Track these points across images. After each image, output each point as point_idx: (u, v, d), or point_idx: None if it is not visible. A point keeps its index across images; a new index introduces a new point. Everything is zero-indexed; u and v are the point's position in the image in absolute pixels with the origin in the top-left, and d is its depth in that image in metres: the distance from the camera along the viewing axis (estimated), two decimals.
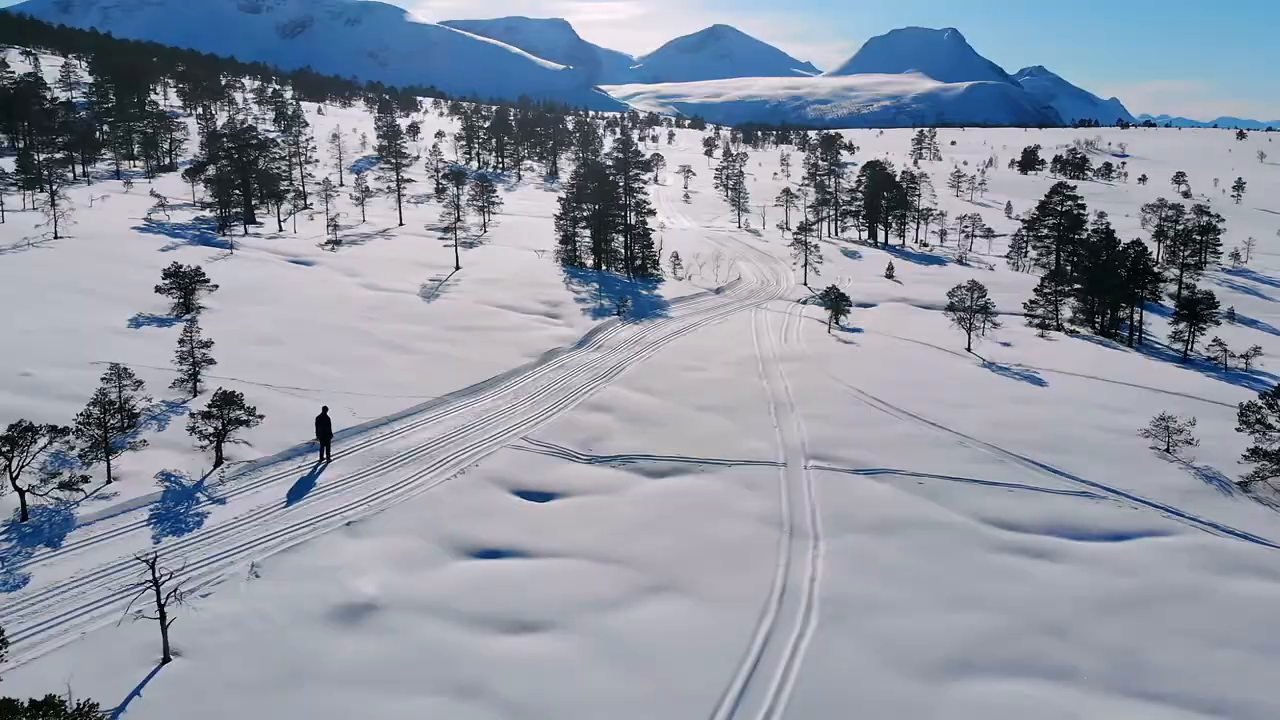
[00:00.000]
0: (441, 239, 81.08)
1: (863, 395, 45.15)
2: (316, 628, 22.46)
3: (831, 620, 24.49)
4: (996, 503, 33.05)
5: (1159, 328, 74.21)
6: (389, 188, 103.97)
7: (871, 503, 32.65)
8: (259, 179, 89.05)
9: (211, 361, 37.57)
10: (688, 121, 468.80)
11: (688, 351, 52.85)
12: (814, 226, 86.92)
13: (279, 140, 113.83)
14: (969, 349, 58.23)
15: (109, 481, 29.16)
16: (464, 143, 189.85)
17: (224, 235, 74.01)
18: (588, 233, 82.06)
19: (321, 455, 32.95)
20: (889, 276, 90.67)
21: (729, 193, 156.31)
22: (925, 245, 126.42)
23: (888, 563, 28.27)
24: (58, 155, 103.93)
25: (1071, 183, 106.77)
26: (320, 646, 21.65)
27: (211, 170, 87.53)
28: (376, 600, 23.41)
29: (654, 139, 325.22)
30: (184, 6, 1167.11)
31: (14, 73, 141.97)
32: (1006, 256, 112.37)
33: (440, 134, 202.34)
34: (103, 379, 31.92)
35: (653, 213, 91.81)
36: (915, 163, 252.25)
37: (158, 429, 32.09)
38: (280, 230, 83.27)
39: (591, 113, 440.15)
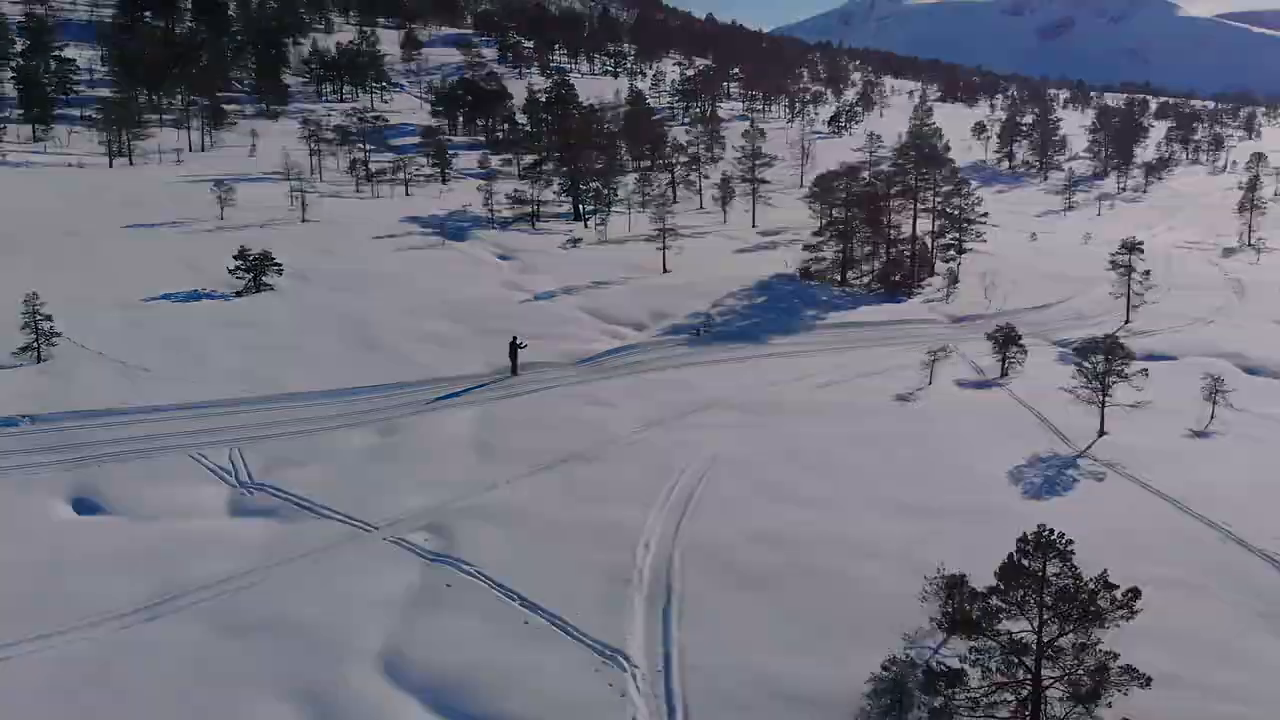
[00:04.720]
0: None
1: (713, 466, 34.94)
2: None
3: None
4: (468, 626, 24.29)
5: None
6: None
7: (350, 598, 26.09)
8: (596, 175, 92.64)
9: (57, 334, 42.30)
10: None
11: (651, 386, 45.09)
12: (1140, 245, 64.69)
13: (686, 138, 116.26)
14: (1101, 431, 40.46)
15: None
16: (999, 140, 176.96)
17: (493, 228, 79.63)
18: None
19: (513, 370, 45.49)
20: None
21: None
22: None
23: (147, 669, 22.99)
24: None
25: None
26: None
27: (548, 166, 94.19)
28: None
29: None
30: (949, 15, 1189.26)
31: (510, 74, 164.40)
32: None
33: (980, 127, 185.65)
34: None
35: (976, 221, 77.25)
36: None
37: None
38: (586, 227, 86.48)
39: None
